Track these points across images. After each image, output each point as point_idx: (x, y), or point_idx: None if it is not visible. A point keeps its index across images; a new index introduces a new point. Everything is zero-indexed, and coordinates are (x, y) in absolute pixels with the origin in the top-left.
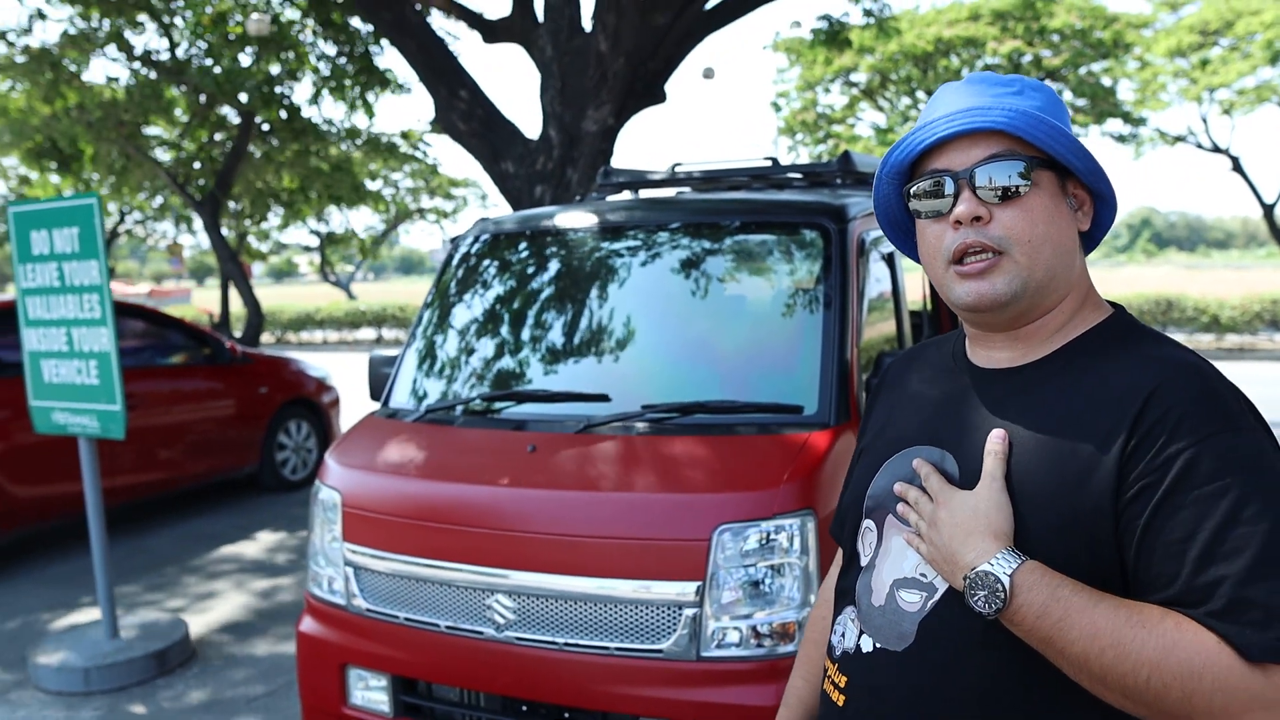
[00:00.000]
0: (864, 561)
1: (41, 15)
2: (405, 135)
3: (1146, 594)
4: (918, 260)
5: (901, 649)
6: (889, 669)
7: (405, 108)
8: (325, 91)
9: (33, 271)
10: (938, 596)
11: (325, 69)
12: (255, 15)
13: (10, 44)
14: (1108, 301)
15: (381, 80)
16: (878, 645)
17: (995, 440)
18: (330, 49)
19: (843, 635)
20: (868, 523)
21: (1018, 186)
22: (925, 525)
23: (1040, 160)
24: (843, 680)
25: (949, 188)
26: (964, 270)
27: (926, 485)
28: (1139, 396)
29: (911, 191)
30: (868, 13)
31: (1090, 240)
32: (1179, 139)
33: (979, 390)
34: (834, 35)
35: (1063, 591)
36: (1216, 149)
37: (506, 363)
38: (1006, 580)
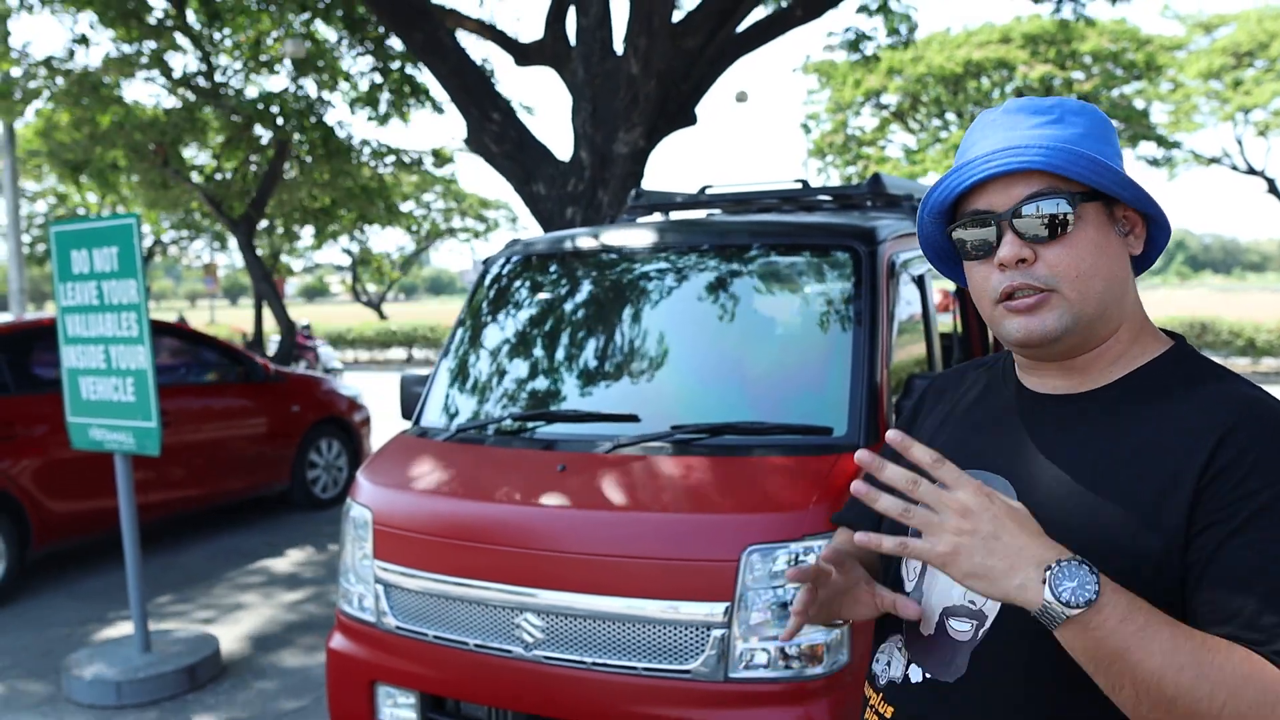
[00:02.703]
0: (909, 588)
1: (85, 40)
2: (436, 154)
3: (1204, 626)
4: (966, 285)
5: (953, 680)
6: (940, 700)
7: (437, 129)
8: (358, 108)
9: (73, 290)
10: (989, 625)
11: (362, 85)
12: (292, 39)
13: (54, 69)
14: (1165, 331)
15: (417, 92)
16: (928, 676)
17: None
18: (365, 64)
19: (888, 665)
20: None
21: (1061, 224)
22: (951, 519)
23: (1083, 193)
24: (889, 711)
25: (990, 227)
26: (1013, 306)
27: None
28: (1211, 437)
29: (954, 233)
30: (893, 31)
31: (1145, 262)
32: (1213, 161)
33: (1035, 415)
34: (856, 45)
35: (1139, 601)
36: (1252, 171)
37: (537, 383)
38: (1094, 573)
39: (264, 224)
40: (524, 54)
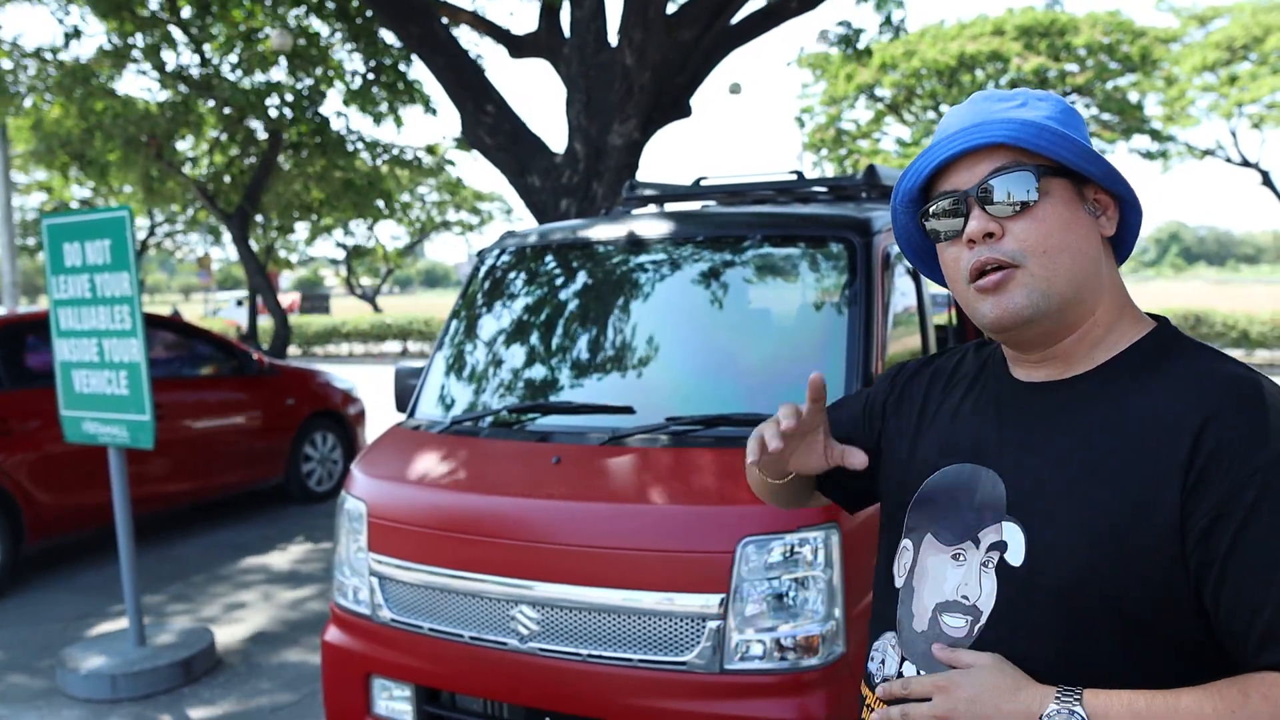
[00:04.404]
0: (899, 583)
1: (77, 32)
2: (430, 150)
3: (1230, 623)
4: (942, 283)
5: None
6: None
7: (430, 122)
8: (353, 104)
9: (65, 283)
10: (984, 621)
11: (355, 82)
12: (277, 31)
13: (45, 60)
14: (1149, 314)
15: (410, 93)
16: (922, 672)
17: (944, 652)
18: (359, 62)
19: (882, 663)
20: (905, 543)
21: (1026, 196)
22: None
23: (1049, 168)
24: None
25: (958, 206)
26: (981, 285)
27: (908, 687)
28: (1196, 418)
29: (926, 216)
30: (887, 20)
31: (1121, 246)
32: (1208, 153)
33: (1021, 405)
34: (849, 40)
35: (1139, 700)
36: (1246, 163)
37: (532, 375)
38: (1081, 708)
39: (258, 218)
40: (518, 46)
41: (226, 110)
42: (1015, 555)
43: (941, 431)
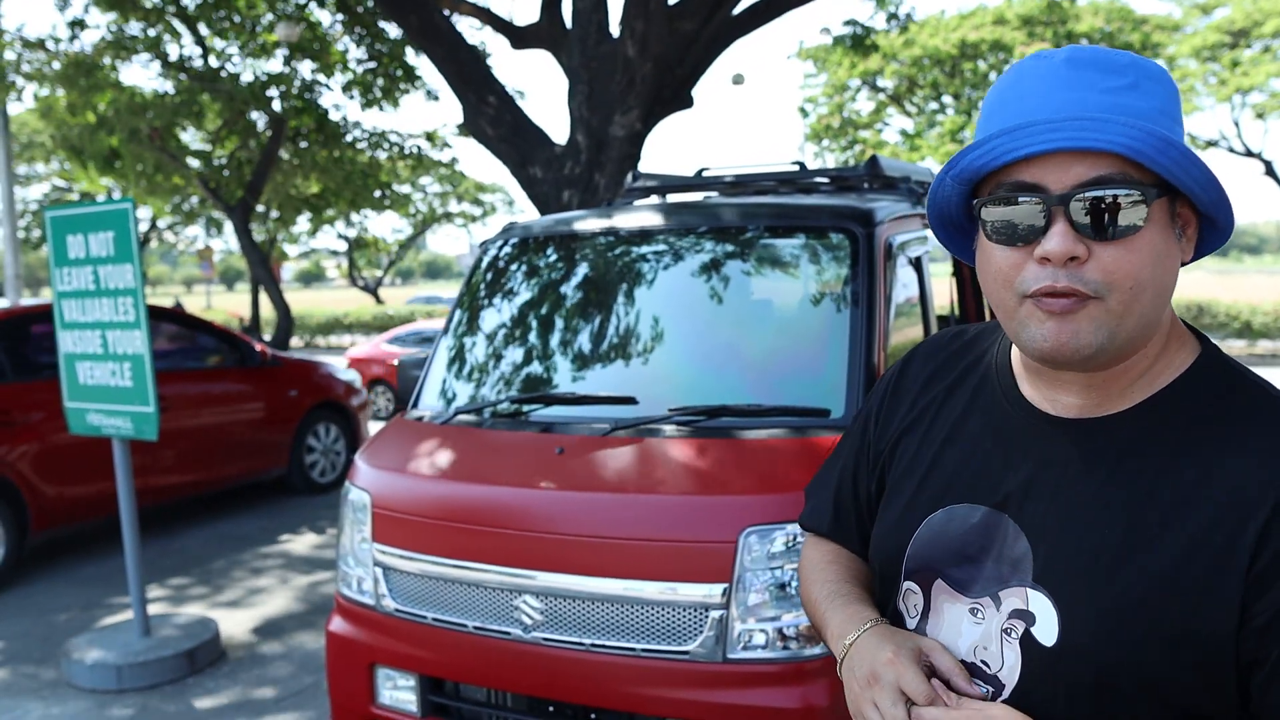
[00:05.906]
0: (910, 625)
1: (82, 24)
2: (429, 137)
3: None
4: (971, 262)
5: None
6: None
7: (432, 110)
8: (353, 92)
9: (69, 275)
10: (1006, 696)
11: (356, 70)
12: (285, 23)
13: (50, 51)
14: (1184, 324)
15: (410, 76)
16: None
17: (961, 681)
18: (361, 52)
19: None
20: (910, 584)
21: (1131, 223)
22: None
23: (1156, 187)
24: None
25: (1037, 209)
26: (1048, 305)
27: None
28: (1268, 500)
29: (985, 205)
30: (892, 16)
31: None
32: (1211, 143)
33: (1045, 443)
34: (859, 40)
35: None
36: (1249, 153)
37: (534, 365)
38: None
39: (260, 209)
40: (520, 37)
41: (231, 102)
42: (1046, 633)
43: (945, 458)
